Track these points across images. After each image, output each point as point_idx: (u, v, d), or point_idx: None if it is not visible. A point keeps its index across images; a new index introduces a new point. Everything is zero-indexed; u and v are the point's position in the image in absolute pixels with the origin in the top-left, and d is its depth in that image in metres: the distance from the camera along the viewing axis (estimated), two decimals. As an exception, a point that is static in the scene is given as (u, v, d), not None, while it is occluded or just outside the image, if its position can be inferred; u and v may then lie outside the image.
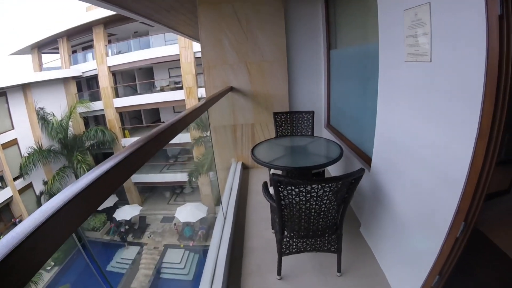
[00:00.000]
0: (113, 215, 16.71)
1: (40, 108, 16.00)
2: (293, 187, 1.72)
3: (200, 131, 13.43)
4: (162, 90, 18.10)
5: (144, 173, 18.51)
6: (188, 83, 16.57)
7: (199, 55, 15.98)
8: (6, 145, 14.57)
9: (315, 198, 1.76)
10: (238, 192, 3.50)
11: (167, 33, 16.93)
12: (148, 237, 16.63)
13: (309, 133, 3.53)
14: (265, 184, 2.24)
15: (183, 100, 16.95)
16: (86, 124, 19.12)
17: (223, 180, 3.76)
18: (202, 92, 16.60)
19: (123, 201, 18.89)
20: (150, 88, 19.98)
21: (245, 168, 4.48)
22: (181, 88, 17.17)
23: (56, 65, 19.54)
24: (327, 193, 1.75)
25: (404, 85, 1.84)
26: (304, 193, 1.73)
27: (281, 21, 3.99)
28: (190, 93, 16.63)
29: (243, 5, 3.94)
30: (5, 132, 14.79)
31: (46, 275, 13.18)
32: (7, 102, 15.16)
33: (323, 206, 1.84)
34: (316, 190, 1.71)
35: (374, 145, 2.36)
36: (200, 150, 15.99)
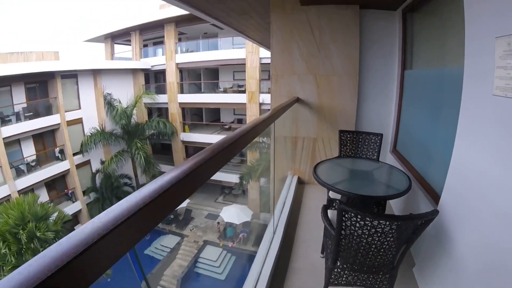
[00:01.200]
0: None
1: (107, 93, 17.78)
2: (358, 219, 1.59)
3: (258, 137, 13.69)
4: (225, 91, 18.84)
5: None
6: (251, 87, 16.99)
7: (264, 61, 16.32)
8: (71, 123, 16.43)
9: (379, 234, 1.60)
10: (291, 207, 3.41)
11: (236, 37, 17.56)
12: (191, 230, 17.34)
13: (375, 157, 3.28)
14: (324, 207, 2.12)
15: (244, 103, 17.38)
16: (149, 114, 20.79)
17: (277, 192, 3.70)
18: (264, 98, 16.86)
19: None
20: (214, 88, 20.93)
21: (300, 182, 4.37)
22: (243, 91, 17.67)
23: (127, 56, 21.48)
24: (393, 231, 1.58)
25: (490, 121, 1.61)
26: (369, 227, 1.59)
27: (356, 31, 3.76)
28: (252, 98, 17.01)
29: (318, 13, 3.80)
30: (72, 110, 16.64)
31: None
32: (77, 84, 17.09)
33: (385, 243, 1.67)
34: (382, 226, 1.56)
35: (445, 181, 2.10)
36: (254, 155, 16.24)
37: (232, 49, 18.09)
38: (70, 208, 15.48)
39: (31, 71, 14.09)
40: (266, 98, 16.77)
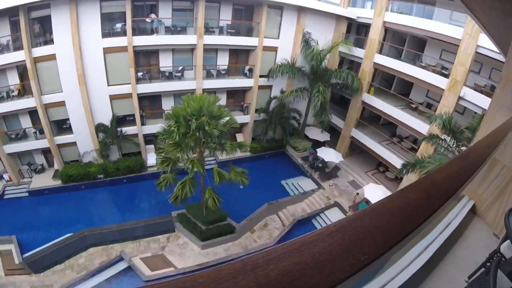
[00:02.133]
0: (317, 149, 18.85)
1: (307, 32, 18.58)
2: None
3: (444, 132, 11.60)
4: (425, 67, 16.27)
5: (364, 133, 18.99)
6: (456, 74, 13.86)
7: (482, 51, 12.81)
8: (266, 49, 18.57)
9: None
10: (449, 233, 3.03)
11: (456, 12, 14.37)
12: (330, 185, 18.03)
13: None
14: (495, 261, 1.82)
15: (443, 89, 14.62)
16: (340, 64, 20.84)
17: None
18: (466, 92, 13.72)
19: (332, 143, 20.86)
20: (414, 59, 18.38)
21: (472, 211, 3.68)
22: (446, 76, 14.70)
23: (335, 1, 20.95)
24: None
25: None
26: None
27: None
28: (453, 86, 14.03)
29: None
30: (270, 38, 18.59)
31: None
32: (281, 16, 18.46)
33: None
34: None
35: None
36: (428, 149, 14.19)
37: (448, 23, 14.75)
38: (240, 118, 18.77)
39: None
40: (468, 93, 13.50)
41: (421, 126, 15.35)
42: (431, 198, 0.93)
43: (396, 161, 16.28)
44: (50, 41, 15.06)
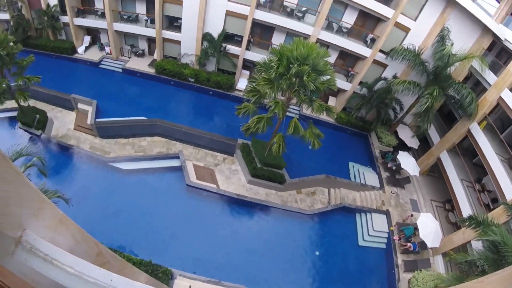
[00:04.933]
0: (399, 151, 17.67)
1: (447, 28, 15.75)
2: None
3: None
4: None
5: (452, 162, 16.85)
6: None
7: None
8: (399, 26, 16.64)
9: None
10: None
11: None
12: (391, 192, 17.03)
13: None
14: None
15: None
16: (465, 79, 18.03)
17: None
18: None
19: (417, 152, 19.22)
20: None
21: None
22: None
23: (489, 9, 17.09)
24: None
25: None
26: None
27: None
28: None
29: None
30: (407, 17, 16.59)
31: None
32: None
33: None
34: None
35: None
36: (501, 216, 12.12)
37: None
38: (341, 83, 18.00)
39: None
40: None
41: (510, 189, 12.94)
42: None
43: (466, 208, 14.36)
44: None
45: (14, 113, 16.01)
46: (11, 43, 13.42)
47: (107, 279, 2.16)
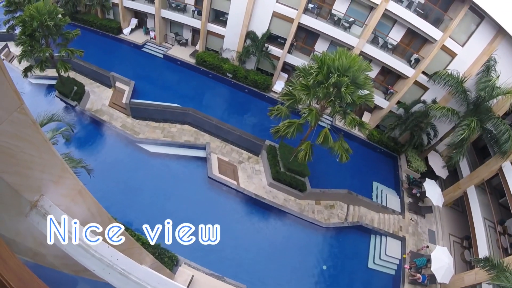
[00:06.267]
0: (424, 184, 16.96)
1: (494, 58, 14.96)
2: None
3: None
4: None
5: (478, 198, 16.13)
6: None
7: None
8: (445, 49, 16.16)
9: None
10: None
11: None
12: (411, 219, 16.59)
13: None
14: None
15: None
16: (506, 114, 17.02)
17: None
18: None
19: (443, 183, 18.56)
20: None
21: None
22: None
23: None
24: None
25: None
26: None
27: None
28: None
29: None
30: (454, 41, 15.97)
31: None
32: (477, 26, 15.37)
33: None
34: None
35: None
36: None
37: None
38: (378, 99, 17.79)
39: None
40: None
41: None
42: None
43: (483, 248, 13.65)
44: None
45: (53, 82, 16.90)
46: (60, 15, 14.13)
47: (113, 257, 2.26)
